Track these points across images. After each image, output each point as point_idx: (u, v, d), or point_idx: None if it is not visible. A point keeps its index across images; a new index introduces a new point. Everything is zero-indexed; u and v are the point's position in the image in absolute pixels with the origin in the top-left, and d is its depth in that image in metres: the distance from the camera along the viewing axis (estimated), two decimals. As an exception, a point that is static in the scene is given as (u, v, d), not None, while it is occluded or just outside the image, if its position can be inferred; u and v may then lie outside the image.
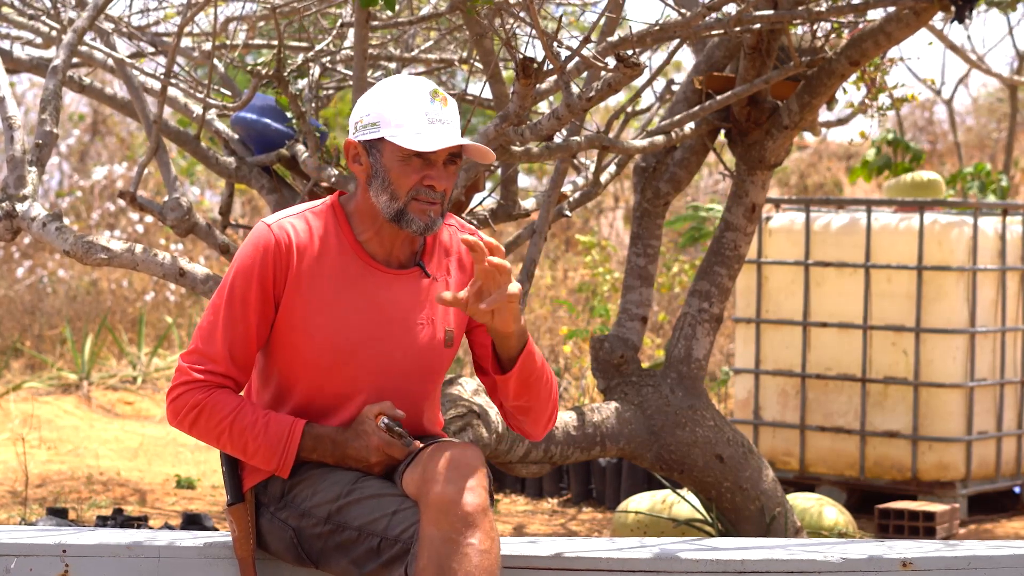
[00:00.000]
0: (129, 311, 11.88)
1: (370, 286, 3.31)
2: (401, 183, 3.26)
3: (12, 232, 4.64)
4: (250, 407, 3.28)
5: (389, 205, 3.27)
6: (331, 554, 3.24)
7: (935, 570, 3.56)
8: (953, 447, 7.05)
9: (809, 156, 16.96)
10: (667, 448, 5.35)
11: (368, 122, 3.28)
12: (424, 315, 3.35)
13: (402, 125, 3.23)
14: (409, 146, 3.22)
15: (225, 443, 3.28)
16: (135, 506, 6.85)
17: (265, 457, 3.26)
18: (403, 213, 3.26)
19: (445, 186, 3.27)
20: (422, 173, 3.26)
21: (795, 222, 7.37)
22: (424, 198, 3.26)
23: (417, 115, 3.24)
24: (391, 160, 3.26)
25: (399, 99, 3.25)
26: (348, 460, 3.28)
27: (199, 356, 3.28)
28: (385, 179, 3.27)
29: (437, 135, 3.23)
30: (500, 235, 11.03)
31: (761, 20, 4.88)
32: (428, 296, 3.35)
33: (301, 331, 3.29)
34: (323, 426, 3.30)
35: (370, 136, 3.28)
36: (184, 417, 3.28)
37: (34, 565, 3.38)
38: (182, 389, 3.28)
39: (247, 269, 3.27)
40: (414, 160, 3.25)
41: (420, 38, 6.35)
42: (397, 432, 3.25)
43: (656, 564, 3.47)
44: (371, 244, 3.34)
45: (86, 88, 5.93)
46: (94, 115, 14.99)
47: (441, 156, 3.27)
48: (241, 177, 5.70)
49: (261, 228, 3.29)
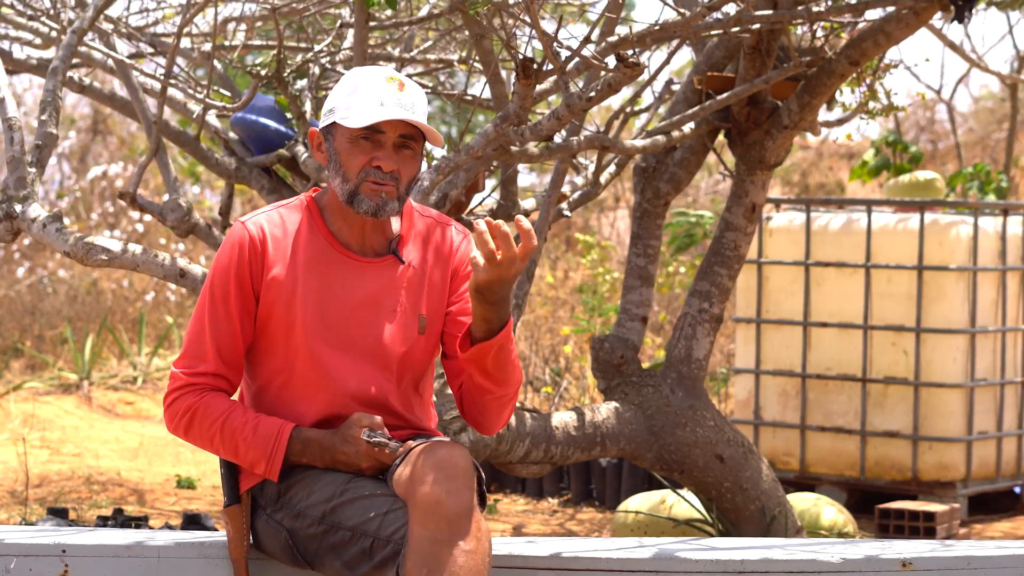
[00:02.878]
0: (129, 311, 11.88)
1: (343, 275, 3.34)
2: (350, 165, 3.30)
3: (12, 233, 4.64)
4: (240, 410, 3.30)
5: (342, 187, 3.31)
6: (325, 555, 3.25)
7: (935, 570, 3.56)
8: (953, 447, 7.05)
9: (811, 156, 16.96)
10: (667, 448, 5.35)
11: (327, 109, 3.34)
12: (398, 302, 3.36)
13: (350, 108, 3.28)
14: (352, 124, 3.26)
15: (218, 447, 3.31)
16: (135, 506, 6.85)
17: (254, 460, 3.29)
18: (355, 194, 3.30)
19: (394, 167, 3.28)
20: (370, 155, 3.29)
21: (795, 222, 7.37)
22: (373, 179, 3.28)
23: (368, 98, 3.27)
24: (341, 142, 3.31)
25: (353, 84, 3.30)
26: (338, 464, 3.30)
27: (189, 359, 3.32)
28: (337, 162, 3.32)
29: (382, 113, 3.25)
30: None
31: (761, 20, 4.88)
32: (402, 283, 3.37)
33: (278, 322, 3.32)
34: (311, 430, 3.31)
35: (327, 122, 3.34)
36: (179, 422, 3.32)
37: (34, 565, 3.38)
38: (176, 395, 3.32)
39: (224, 268, 3.32)
40: (362, 141, 3.29)
41: (419, 38, 6.35)
42: (378, 442, 3.26)
43: (655, 564, 3.47)
44: (343, 233, 3.37)
45: (86, 88, 5.93)
46: (94, 115, 14.99)
47: (390, 138, 3.29)
48: (241, 178, 5.70)
49: (235, 227, 3.35)
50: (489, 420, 3.39)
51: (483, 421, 3.40)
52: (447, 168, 4.66)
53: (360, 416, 3.29)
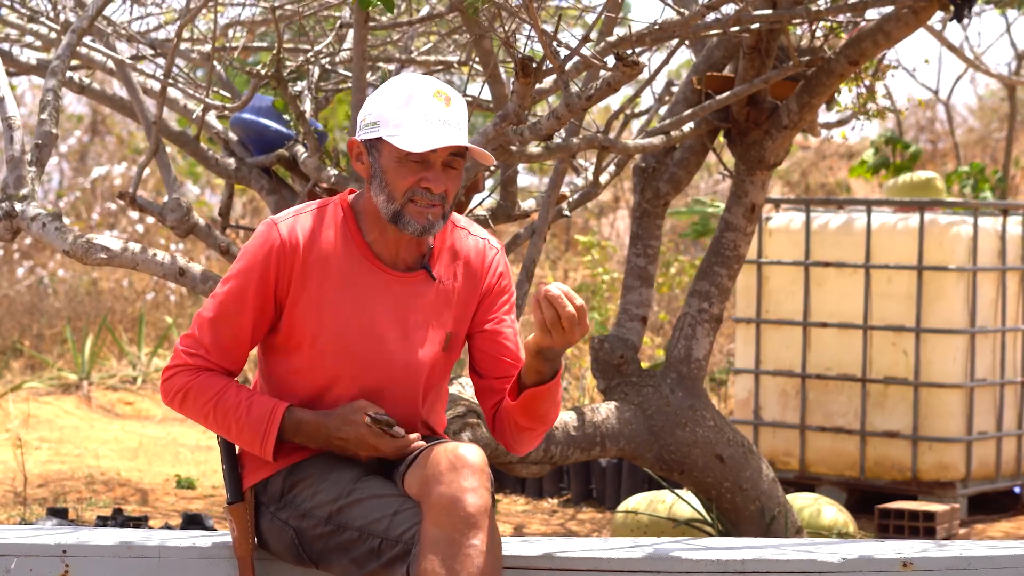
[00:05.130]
0: (129, 311, 11.88)
1: (374, 287, 3.30)
2: (397, 185, 3.23)
3: (12, 232, 4.64)
4: (235, 389, 3.28)
5: (387, 206, 3.25)
6: (332, 554, 3.24)
7: (935, 570, 3.56)
8: (953, 447, 7.05)
9: (811, 156, 16.95)
10: (667, 448, 5.35)
11: (369, 121, 3.25)
12: (426, 319, 3.33)
13: (400, 125, 3.20)
14: (403, 147, 3.19)
15: (211, 424, 3.30)
16: (135, 506, 6.85)
17: (248, 439, 3.27)
18: (400, 215, 3.24)
19: (443, 188, 3.23)
20: (419, 175, 3.22)
21: (795, 222, 7.37)
22: (421, 200, 3.23)
23: (415, 116, 3.20)
24: (388, 161, 3.24)
25: (399, 99, 3.22)
26: (332, 447, 3.28)
27: (192, 341, 3.31)
28: (383, 180, 3.25)
29: (433, 136, 3.19)
30: (500, 235, 11.03)
31: (760, 20, 4.88)
32: (431, 300, 3.34)
33: (304, 330, 3.29)
34: (306, 410, 3.29)
35: (370, 135, 3.25)
36: (173, 397, 3.32)
37: (34, 565, 3.38)
38: (173, 371, 3.31)
39: (249, 268, 3.28)
40: (410, 162, 3.22)
41: (420, 40, 6.35)
42: (384, 421, 3.24)
43: (654, 564, 3.47)
44: (377, 245, 3.32)
45: (86, 89, 5.93)
46: (93, 115, 14.99)
47: (439, 157, 3.23)
48: (241, 178, 5.70)
49: (268, 227, 3.29)
50: (521, 447, 3.39)
51: (515, 446, 3.39)
52: (447, 168, 4.65)
53: (365, 403, 3.27)
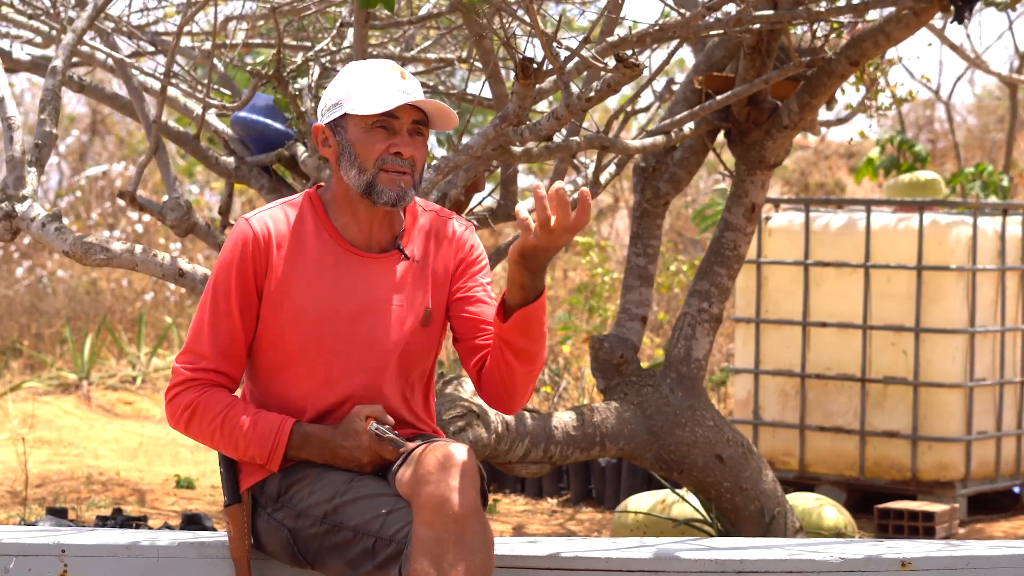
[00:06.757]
0: (129, 311, 11.88)
1: (348, 271, 3.34)
2: (367, 154, 3.29)
3: (11, 232, 4.64)
4: (240, 406, 3.30)
5: (359, 178, 3.30)
6: (327, 554, 3.25)
7: (934, 570, 3.56)
8: (953, 447, 7.05)
9: (811, 156, 16.96)
10: (667, 448, 5.35)
11: (331, 103, 3.33)
12: (403, 297, 3.36)
13: (362, 95, 3.28)
14: (367, 111, 3.25)
15: (218, 443, 3.31)
16: (135, 506, 6.85)
17: (255, 456, 3.29)
18: (372, 185, 3.29)
19: (412, 153, 3.29)
20: (387, 141, 3.29)
21: (794, 222, 7.37)
22: (392, 167, 3.28)
23: (375, 85, 3.27)
24: (355, 133, 3.30)
25: (357, 77, 3.30)
26: (338, 459, 3.29)
27: (190, 355, 3.32)
28: (351, 153, 3.30)
29: (395, 98, 3.26)
30: (500, 235, 11.02)
31: (761, 20, 4.88)
32: (407, 279, 3.37)
33: (282, 320, 3.32)
34: (312, 425, 3.31)
35: (334, 115, 3.32)
36: (180, 418, 3.33)
37: (33, 565, 3.38)
38: (177, 390, 3.32)
39: (227, 265, 3.32)
40: (377, 130, 3.28)
41: (420, 37, 6.35)
42: (388, 438, 3.26)
43: (655, 564, 3.47)
44: (348, 230, 3.36)
45: (86, 88, 5.93)
46: (93, 115, 14.98)
47: (404, 124, 3.29)
48: (241, 177, 5.69)
49: (240, 223, 3.35)
50: (515, 396, 3.34)
51: (507, 398, 3.35)
52: (446, 168, 4.66)
53: (361, 408, 3.28)
